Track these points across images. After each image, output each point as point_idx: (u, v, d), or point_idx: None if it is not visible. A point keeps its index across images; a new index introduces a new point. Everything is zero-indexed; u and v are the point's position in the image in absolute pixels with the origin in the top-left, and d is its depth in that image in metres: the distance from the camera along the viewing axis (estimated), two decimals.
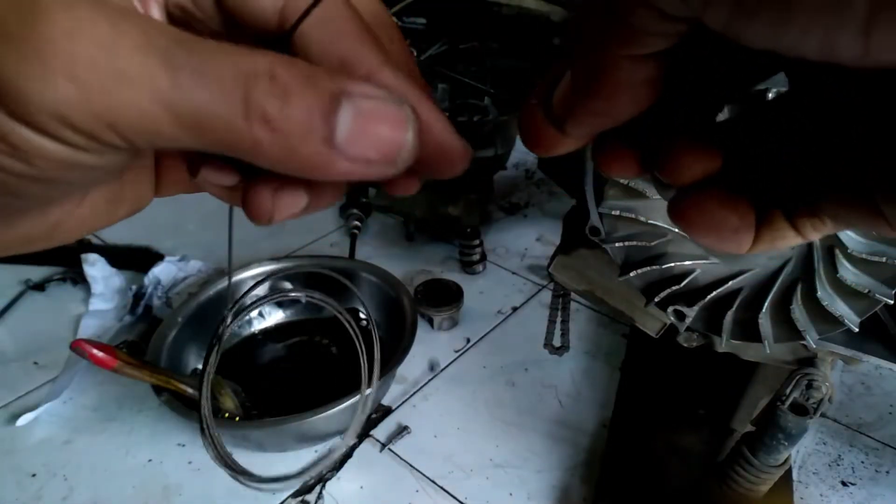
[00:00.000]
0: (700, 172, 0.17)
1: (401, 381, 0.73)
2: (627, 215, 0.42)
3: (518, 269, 0.92)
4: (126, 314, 0.82)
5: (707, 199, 0.18)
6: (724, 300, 0.43)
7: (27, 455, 0.66)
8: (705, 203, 0.18)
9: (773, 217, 0.17)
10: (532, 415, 0.69)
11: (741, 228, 0.17)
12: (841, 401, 0.71)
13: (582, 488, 0.61)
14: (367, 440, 0.66)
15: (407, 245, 0.97)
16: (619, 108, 0.16)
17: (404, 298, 0.72)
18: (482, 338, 0.80)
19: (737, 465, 0.50)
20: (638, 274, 0.44)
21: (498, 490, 0.61)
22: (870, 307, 0.40)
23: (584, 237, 0.46)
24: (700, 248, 0.42)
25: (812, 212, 0.17)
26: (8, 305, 0.86)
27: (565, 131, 0.18)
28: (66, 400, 0.71)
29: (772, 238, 0.18)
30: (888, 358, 0.44)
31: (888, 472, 0.63)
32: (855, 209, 0.15)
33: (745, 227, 0.17)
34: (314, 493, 0.61)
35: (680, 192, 0.18)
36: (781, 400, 0.46)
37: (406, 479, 0.62)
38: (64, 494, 0.62)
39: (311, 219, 1.04)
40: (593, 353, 0.77)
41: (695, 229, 0.18)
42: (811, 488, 0.61)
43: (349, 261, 0.86)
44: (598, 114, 0.16)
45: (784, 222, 0.17)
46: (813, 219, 0.17)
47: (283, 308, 0.80)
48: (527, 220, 1.03)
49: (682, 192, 0.18)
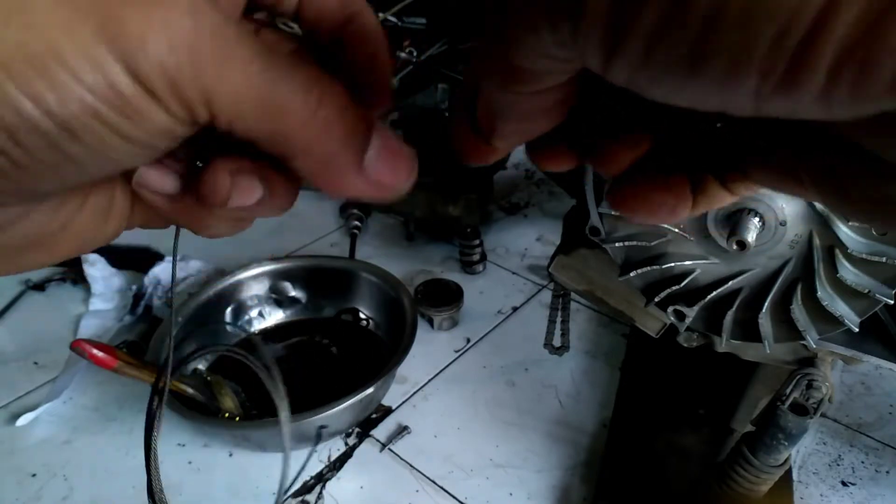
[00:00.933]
0: (629, 160, 0.18)
1: (401, 381, 0.73)
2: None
3: (518, 269, 0.92)
4: (126, 314, 0.82)
5: (642, 186, 0.18)
6: (724, 300, 0.43)
7: (27, 455, 0.66)
8: (640, 190, 0.18)
9: (707, 183, 0.18)
10: (532, 415, 0.69)
11: (678, 204, 0.18)
12: (841, 401, 0.71)
13: (582, 488, 0.61)
14: (367, 440, 0.66)
15: (407, 245, 0.97)
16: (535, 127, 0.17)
17: (404, 298, 0.72)
18: (482, 338, 0.80)
19: (737, 465, 0.50)
20: (638, 274, 0.44)
21: (498, 490, 0.61)
22: (870, 307, 0.40)
23: (584, 237, 0.46)
24: (700, 248, 0.42)
25: (741, 175, 0.18)
26: (8, 305, 0.86)
27: (492, 144, 0.18)
28: (66, 400, 0.71)
29: (708, 202, 0.18)
30: (888, 358, 0.44)
31: (888, 472, 0.63)
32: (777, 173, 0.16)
33: (682, 202, 0.18)
34: (314, 493, 0.61)
35: (616, 180, 0.19)
36: (781, 400, 0.46)
37: (406, 479, 0.62)
38: (64, 494, 0.62)
39: (312, 219, 1.04)
40: (593, 353, 0.77)
41: (635, 215, 0.19)
42: (811, 488, 0.61)
43: (349, 261, 0.86)
44: (517, 132, 0.17)
45: (717, 186, 0.18)
46: (743, 181, 0.18)
47: (283, 308, 0.80)
48: (527, 220, 1.03)
49: (617, 179, 0.18)
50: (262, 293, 0.78)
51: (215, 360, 0.74)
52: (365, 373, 0.62)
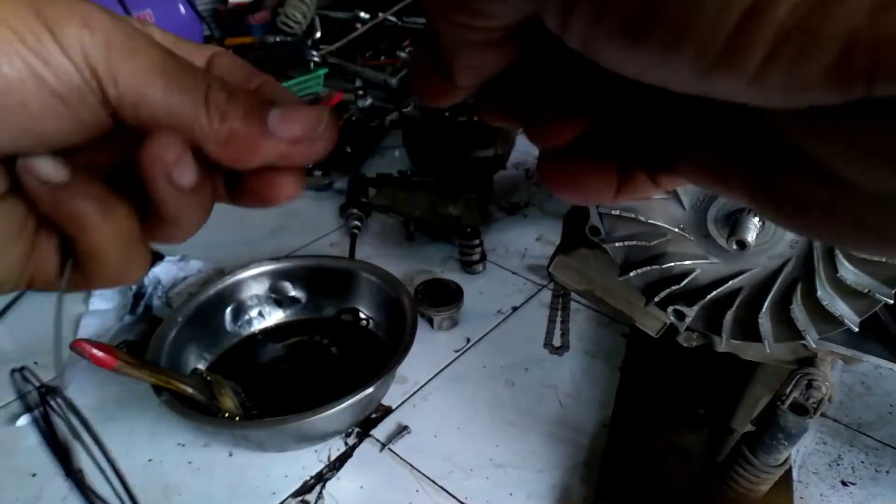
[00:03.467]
0: (565, 138, 0.18)
1: (401, 381, 0.73)
2: (627, 215, 0.43)
3: (518, 269, 0.92)
4: (126, 314, 0.82)
5: (573, 165, 0.19)
6: (724, 300, 0.43)
7: (27, 455, 0.66)
8: (569, 169, 0.19)
9: (635, 172, 0.18)
10: (532, 415, 0.69)
11: (604, 189, 0.19)
12: (841, 401, 0.71)
13: (582, 488, 0.61)
14: (367, 440, 0.66)
15: (407, 245, 0.97)
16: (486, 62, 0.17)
17: (404, 298, 0.72)
18: (482, 338, 0.80)
19: (737, 464, 0.50)
20: (638, 274, 0.44)
21: (498, 490, 0.61)
22: (870, 307, 0.40)
23: (584, 237, 0.46)
24: (700, 247, 0.42)
25: (668, 169, 0.18)
26: (8, 305, 0.86)
27: (454, 83, 0.18)
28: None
29: (632, 192, 0.19)
30: (888, 358, 0.44)
31: (888, 472, 0.63)
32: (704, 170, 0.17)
33: (607, 187, 0.19)
34: (314, 493, 0.61)
35: (547, 155, 0.19)
36: (781, 400, 0.46)
37: (406, 479, 0.62)
38: (64, 494, 0.62)
39: (312, 219, 1.04)
40: (593, 353, 0.77)
41: (560, 192, 0.19)
42: (811, 488, 0.61)
43: (349, 261, 0.86)
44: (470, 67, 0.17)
45: (644, 177, 0.18)
46: (670, 174, 0.18)
47: (283, 308, 0.80)
48: (527, 220, 1.03)
49: (548, 154, 0.19)
50: (262, 293, 0.78)
51: (215, 360, 0.74)
52: (365, 373, 0.62)
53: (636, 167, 0.18)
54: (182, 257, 0.90)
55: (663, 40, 0.11)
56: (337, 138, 0.23)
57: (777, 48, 0.10)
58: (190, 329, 0.71)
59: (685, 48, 0.11)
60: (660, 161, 0.18)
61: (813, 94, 0.11)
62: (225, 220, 0.24)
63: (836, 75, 0.10)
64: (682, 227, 0.42)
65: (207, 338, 0.74)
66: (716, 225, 0.40)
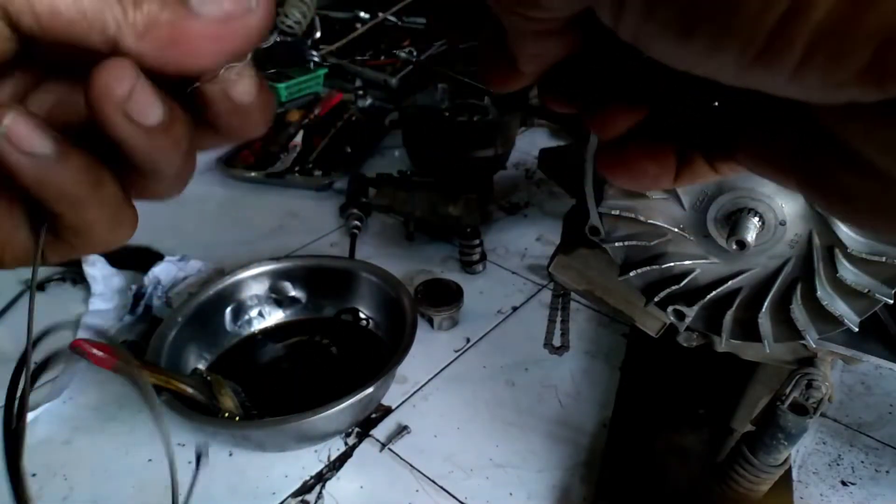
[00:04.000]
0: (625, 126, 0.18)
1: (401, 381, 0.73)
2: (627, 215, 0.43)
3: (518, 268, 0.92)
4: (126, 314, 0.82)
5: (630, 151, 0.19)
6: (724, 300, 0.43)
7: (27, 455, 0.65)
8: (628, 156, 0.19)
9: (694, 159, 0.19)
10: (532, 415, 0.69)
11: (662, 175, 0.19)
12: (841, 401, 0.71)
13: (582, 488, 0.61)
14: (367, 440, 0.66)
15: (407, 245, 0.97)
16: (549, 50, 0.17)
17: (404, 298, 0.72)
18: (482, 338, 0.80)
19: (737, 464, 0.50)
20: (638, 274, 0.44)
21: (498, 490, 0.61)
22: (870, 307, 0.40)
23: (584, 237, 0.46)
24: (700, 247, 0.42)
25: (728, 156, 0.18)
26: (8, 305, 0.86)
27: (519, 69, 0.18)
28: (66, 400, 0.71)
29: (692, 178, 0.19)
30: (888, 358, 0.44)
31: (888, 471, 0.63)
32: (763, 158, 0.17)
33: (664, 173, 0.19)
34: (314, 493, 0.61)
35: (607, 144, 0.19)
36: (781, 400, 0.46)
37: (406, 479, 0.62)
38: (64, 494, 0.62)
39: (312, 219, 1.04)
40: (593, 353, 0.77)
41: (619, 179, 0.19)
42: (811, 488, 0.61)
43: (349, 261, 0.86)
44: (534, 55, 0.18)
45: (704, 164, 0.19)
46: (729, 161, 0.18)
47: (283, 308, 0.80)
48: (527, 220, 1.03)
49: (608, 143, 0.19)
50: (262, 293, 0.78)
51: (215, 360, 0.74)
52: (365, 373, 0.62)
53: (695, 154, 0.19)
54: (182, 257, 0.90)
55: (708, 36, 0.12)
56: (275, 10, 0.19)
57: (813, 48, 0.11)
58: (190, 329, 0.71)
59: (729, 44, 0.11)
60: (720, 147, 0.18)
61: (849, 92, 0.11)
62: (225, 221, 0.24)
63: (870, 75, 0.11)
64: (682, 227, 0.42)
65: (207, 338, 0.74)
66: (716, 225, 0.40)
